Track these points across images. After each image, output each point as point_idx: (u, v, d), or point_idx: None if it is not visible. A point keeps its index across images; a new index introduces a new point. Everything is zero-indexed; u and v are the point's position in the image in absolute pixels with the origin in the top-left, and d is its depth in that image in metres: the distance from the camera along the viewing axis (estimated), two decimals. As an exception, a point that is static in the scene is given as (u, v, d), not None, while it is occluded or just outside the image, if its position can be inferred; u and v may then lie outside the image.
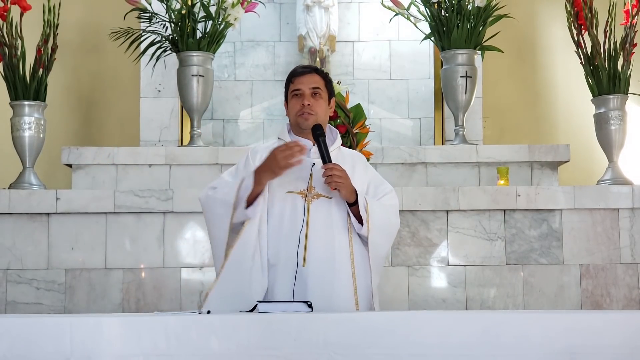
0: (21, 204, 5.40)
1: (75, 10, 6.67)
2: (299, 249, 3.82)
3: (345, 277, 3.87)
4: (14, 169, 6.00)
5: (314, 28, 6.83)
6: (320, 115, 3.95)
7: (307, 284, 3.79)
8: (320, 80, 3.98)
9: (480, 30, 6.17)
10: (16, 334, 2.99)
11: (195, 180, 5.92)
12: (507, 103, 6.93)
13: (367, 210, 3.83)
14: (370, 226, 3.85)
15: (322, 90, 3.97)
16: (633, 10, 5.96)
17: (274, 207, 3.89)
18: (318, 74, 4.00)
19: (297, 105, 3.94)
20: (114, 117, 6.84)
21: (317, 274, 3.81)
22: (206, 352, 2.99)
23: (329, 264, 3.84)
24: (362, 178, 4.00)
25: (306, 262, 3.82)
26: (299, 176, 3.90)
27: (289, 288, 3.80)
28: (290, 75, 4.03)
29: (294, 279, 3.80)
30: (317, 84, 3.96)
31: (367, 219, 3.83)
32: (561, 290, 5.41)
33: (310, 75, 3.97)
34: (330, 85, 4.03)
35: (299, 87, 3.95)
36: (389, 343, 3.01)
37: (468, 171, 6.08)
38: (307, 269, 3.81)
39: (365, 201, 3.85)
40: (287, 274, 3.82)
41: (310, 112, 3.92)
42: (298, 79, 3.96)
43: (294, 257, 3.82)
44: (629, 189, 5.51)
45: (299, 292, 3.77)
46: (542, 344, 3.01)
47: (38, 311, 5.31)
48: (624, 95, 5.95)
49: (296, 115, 3.95)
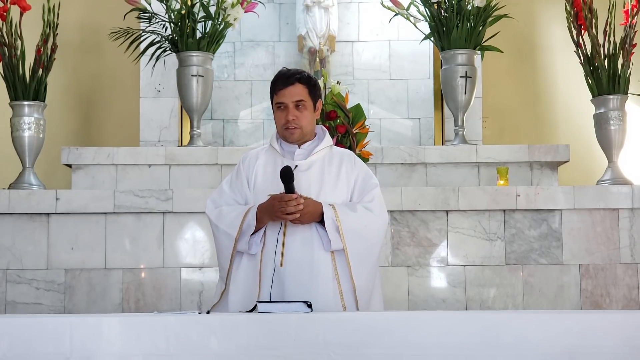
0: (21, 204, 5.40)
1: (75, 10, 6.67)
2: (277, 250, 3.84)
3: (325, 279, 3.85)
4: (13, 169, 6.00)
5: (313, 28, 6.83)
6: (306, 126, 3.97)
7: (284, 285, 3.81)
8: (303, 90, 3.94)
9: (480, 30, 6.17)
10: (16, 334, 2.99)
11: (195, 181, 5.92)
12: (507, 103, 6.93)
13: (340, 232, 3.84)
14: (347, 242, 3.85)
15: (307, 99, 3.95)
16: (633, 10, 5.96)
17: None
18: (301, 83, 3.95)
19: (282, 119, 3.96)
20: (114, 117, 6.84)
21: (295, 275, 3.82)
22: (206, 352, 2.99)
23: (307, 266, 3.84)
24: (350, 175, 4.00)
25: (283, 262, 3.83)
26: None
27: (267, 289, 3.82)
28: (273, 84, 3.99)
29: (272, 280, 3.81)
30: (300, 96, 3.93)
31: (342, 236, 3.84)
32: (561, 291, 5.41)
33: (292, 87, 3.93)
34: (314, 89, 3.99)
35: (282, 100, 3.94)
36: (389, 343, 3.01)
37: (468, 171, 6.08)
38: (285, 270, 3.82)
39: (334, 217, 3.84)
40: (266, 274, 3.84)
41: (295, 126, 3.94)
42: (281, 92, 3.94)
43: (272, 258, 3.84)
44: (629, 189, 5.51)
45: (277, 293, 3.79)
46: (542, 344, 3.01)
47: (38, 311, 5.31)
48: (623, 95, 5.95)
49: (282, 128, 3.97)
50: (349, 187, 3.99)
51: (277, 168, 3.92)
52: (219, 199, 4.04)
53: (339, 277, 3.88)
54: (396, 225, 5.41)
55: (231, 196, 4.02)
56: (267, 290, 3.81)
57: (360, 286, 3.88)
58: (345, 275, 3.88)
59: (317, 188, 3.93)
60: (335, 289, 3.87)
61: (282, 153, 4.02)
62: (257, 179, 4.00)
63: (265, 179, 3.99)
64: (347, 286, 3.88)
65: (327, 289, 3.85)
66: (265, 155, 4.05)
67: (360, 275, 3.89)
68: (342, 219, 3.85)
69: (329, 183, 3.96)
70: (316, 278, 3.84)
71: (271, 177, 3.96)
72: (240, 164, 4.06)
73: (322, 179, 3.96)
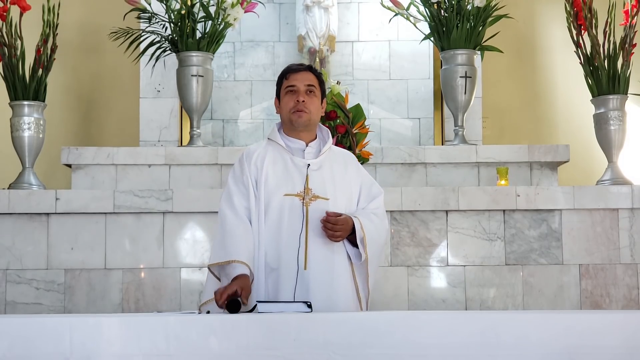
0: (21, 204, 5.40)
1: (75, 10, 6.67)
2: (300, 253, 3.80)
3: (345, 279, 3.87)
4: (13, 169, 6.00)
5: (313, 28, 6.84)
6: (314, 113, 3.93)
7: (309, 287, 3.77)
8: (315, 78, 3.97)
9: (479, 30, 6.17)
10: (16, 334, 2.99)
11: (195, 181, 5.92)
12: (507, 103, 6.93)
13: (364, 244, 3.85)
14: (368, 252, 3.87)
15: (317, 88, 3.95)
16: (632, 10, 5.96)
17: (272, 209, 3.85)
18: (312, 73, 3.98)
19: (291, 102, 3.91)
20: (114, 117, 6.84)
21: (319, 276, 3.80)
22: (206, 353, 2.99)
23: (329, 267, 3.83)
24: (356, 179, 4.00)
25: (307, 265, 3.80)
26: (295, 177, 3.89)
27: (290, 292, 3.78)
28: (284, 72, 4.00)
29: (295, 282, 3.78)
30: (312, 82, 3.94)
31: (365, 249, 3.85)
32: (561, 291, 5.41)
33: (305, 73, 3.96)
34: (323, 85, 4.02)
35: (294, 83, 3.92)
36: (389, 343, 3.01)
37: (467, 171, 6.08)
38: (309, 272, 3.79)
39: (362, 234, 3.84)
40: (289, 277, 3.80)
41: (304, 109, 3.89)
42: (293, 75, 3.93)
43: (294, 261, 3.80)
44: (629, 189, 5.51)
45: (301, 296, 3.75)
46: (542, 344, 3.01)
47: (37, 311, 5.31)
48: (623, 95, 5.95)
49: (289, 112, 3.91)
50: (356, 190, 3.99)
51: (288, 166, 3.89)
52: (233, 199, 3.89)
53: (355, 273, 3.90)
54: (396, 225, 5.41)
55: (240, 198, 3.88)
56: (290, 293, 3.77)
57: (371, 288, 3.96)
58: (362, 282, 3.92)
59: (331, 188, 3.90)
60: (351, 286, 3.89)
61: (290, 150, 3.94)
62: (268, 179, 3.88)
63: (277, 178, 3.89)
64: (364, 293, 3.93)
65: (347, 287, 3.86)
66: (273, 153, 3.94)
67: (372, 280, 3.95)
68: (366, 229, 3.86)
69: (341, 183, 3.94)
70: (338, 277, 3.84)
71: (284, 177, 3.88)
72: (245, 162, 3.93)
73: (333, 178, 3.93)
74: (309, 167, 3.89)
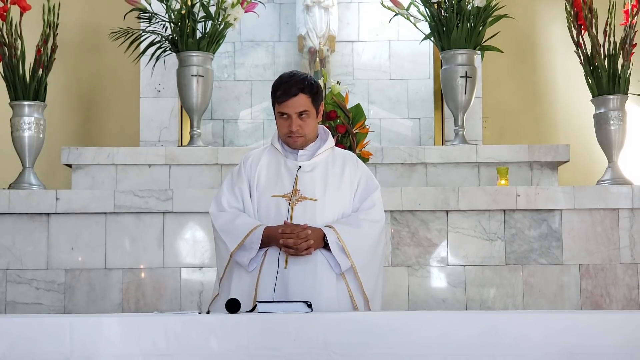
0: (21, 204, 5.40)
1: (75, 10, 6.66)
2: (281, 251, 3.82)
3: (329, 280, 3.84)
4: (13, 169, 6.00)
5: (313, 28, 6.83)
6: (309, 133, 3.96)
7: (288, 286, 3.78)
8: (307, 100, 3.89)
9: (480, 30, 6.17)
10: (16, 334, 2.99)
11: (195, 181, 5.92)
12: (507, 103, 6.93)
13: (346, 252, 3.83)
14: (354, 260, 3.85)
15: (310, 109, 3.91)
16: (633, 10, 5.96)
17: (260, 210, 3.93)
18: (304, 93, 3.88)
19: (285, 128, 3.93)
20: (114, 117, 6.84)
21: (299, 276, 3.80)
22: (206, 352, 2.99)
23: (311, 267, 3.82)
24: (352, 178, 3.99)
25: (288, 264, 3.82)
26: (285, 179, 3.93)
27: (270, 290, 3.79)
28: (274, 92, 3.92)
29: (275, 280, 3.80)
30: (304, 107, 3.89)
31: (349, 256, 3.83)
32: (561, 291, 5.41)
33: (296, 99, 3.87)
34: (317, 96, 3.93)
35: (286, 111, 3.90)
36: (389, 343, 3.01)
37: (468, 171, 6.08)
38: (289, 271, 3.81)
39: (337, 239, 3.82)
40: (269, 275, 3.82)
41: (298, 135, 3.93)
42: (284, 104, 3.88)
43: (275, 259, 3.83)
44: (629, 189, 5.51)
45: (280, 294, 3.77)
46: (542, 344, 3.01)
47: (38, 311, 5.31)
48: (623, 95, 5.95)
49: (285, 136, 3.96)
50: (352, 189, 3.98)
51: (280, 168, 3.94)
52: (221, 201, 4.00)
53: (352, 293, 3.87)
54: (396, 225, 5.41)
55: (230, 199, 3.99)
56: (269, 291, 3.78)
57: (370, 292, 3.91)
58: (355, 288, 3.88)
59: (321, 189, 3.92)
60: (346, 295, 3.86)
61: (285, 153, 4.01)
62: (259, 180, 3.97)
63: (268, 179, 3.97)
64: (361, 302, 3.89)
65: (331, 294, 3.83)
66: (268, 155, 4.03)
67: (369, 283, 3.91)
68: (345, 238, 3.83)
69: (333, 184, 3.95)
70: (321, 278, 3.82)
71: (274, 178, 3.95)
72: (242, 165, 4.03)
73: (326, 180, 3.95)
74: (299, 169, 3.91)
